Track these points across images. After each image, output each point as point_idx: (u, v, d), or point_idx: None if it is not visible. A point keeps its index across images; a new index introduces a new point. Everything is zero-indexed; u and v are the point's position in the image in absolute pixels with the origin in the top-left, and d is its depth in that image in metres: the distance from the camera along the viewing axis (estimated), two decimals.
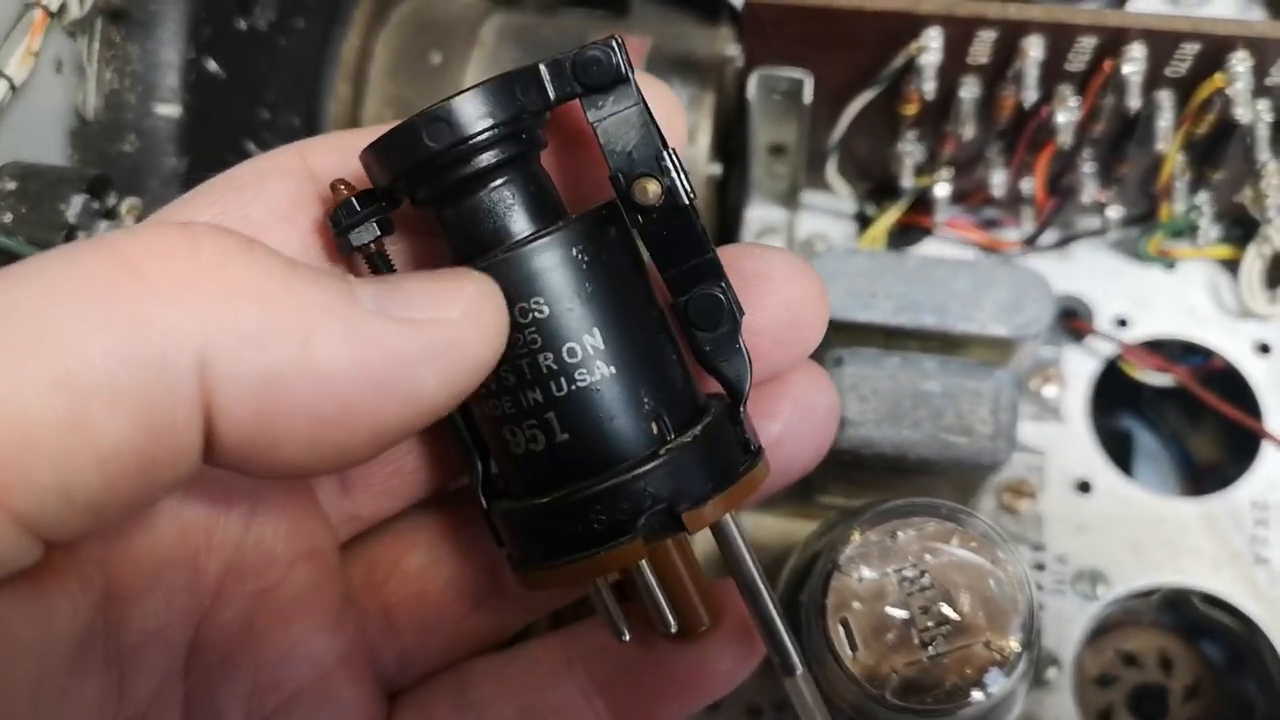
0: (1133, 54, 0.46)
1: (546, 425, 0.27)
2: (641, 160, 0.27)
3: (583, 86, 0.27)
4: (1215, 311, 0.56)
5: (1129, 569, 0.51)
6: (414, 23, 0.57)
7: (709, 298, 0.28)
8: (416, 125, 0.26)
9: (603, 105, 0.27)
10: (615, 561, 0.28)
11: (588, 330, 0.27)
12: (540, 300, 0.26)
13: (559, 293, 0.27)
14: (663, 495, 0.27)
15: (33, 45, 0.41)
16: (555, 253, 0.27)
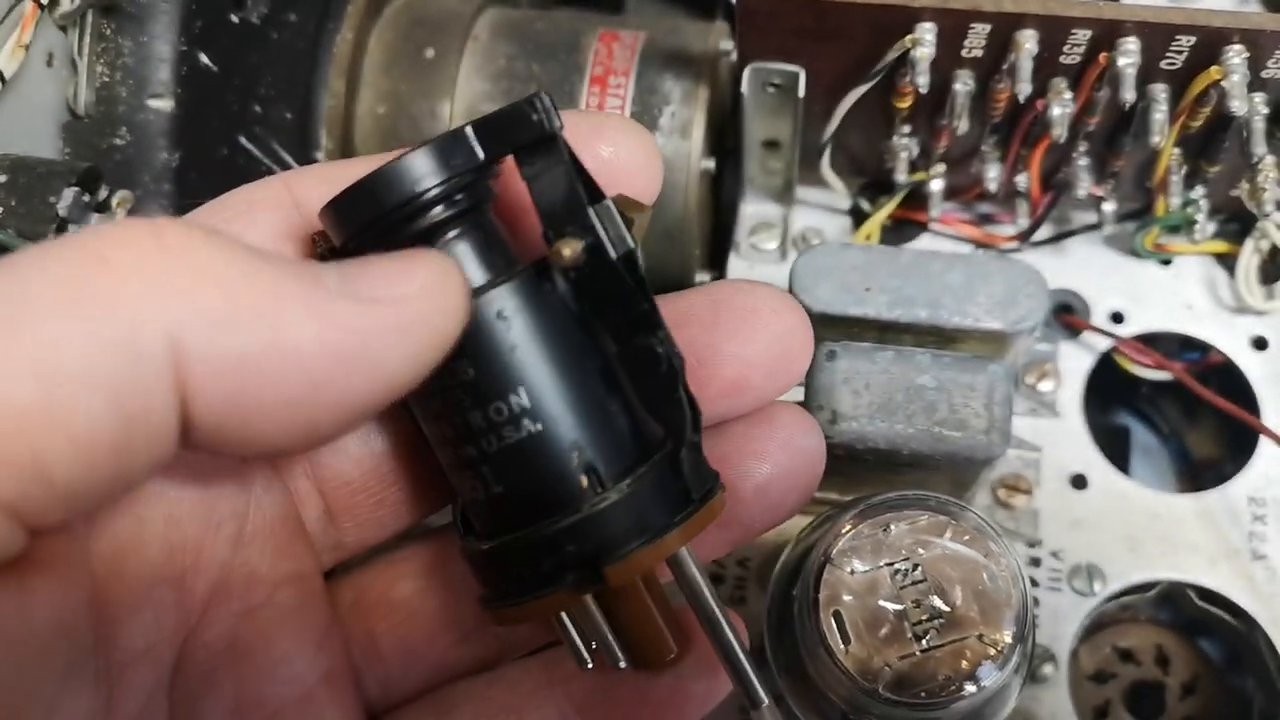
0: (1127, 47, 0.45)
1: (482, 477, 0.28)
2: (567, 217, 0.27)
3: (511, 147, 0.27)
4: (1212, 306, 0.56)
5: (1125, 565, 0.51)
6: (408, 17, 0.57)
7: (643, 349, 0.28)
8: (355, 190, 0.27)
9: (533, 163, 0.27)
10: (543, 609, 0.28)
11: (513, 389, 0.27)
12: (465, 362, 0.27)
13: (484, 354, 0.27)
14: (586, 549, 0.27)
15: (23, 38, 0.41)
16: (478, 315, 0.27)
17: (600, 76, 0.54)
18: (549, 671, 0.32)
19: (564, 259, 0.27)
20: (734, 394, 0.31)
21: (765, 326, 0.31)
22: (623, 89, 0.54)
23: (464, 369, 0.27)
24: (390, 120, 0.55)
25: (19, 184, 0.39)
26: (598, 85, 0.54)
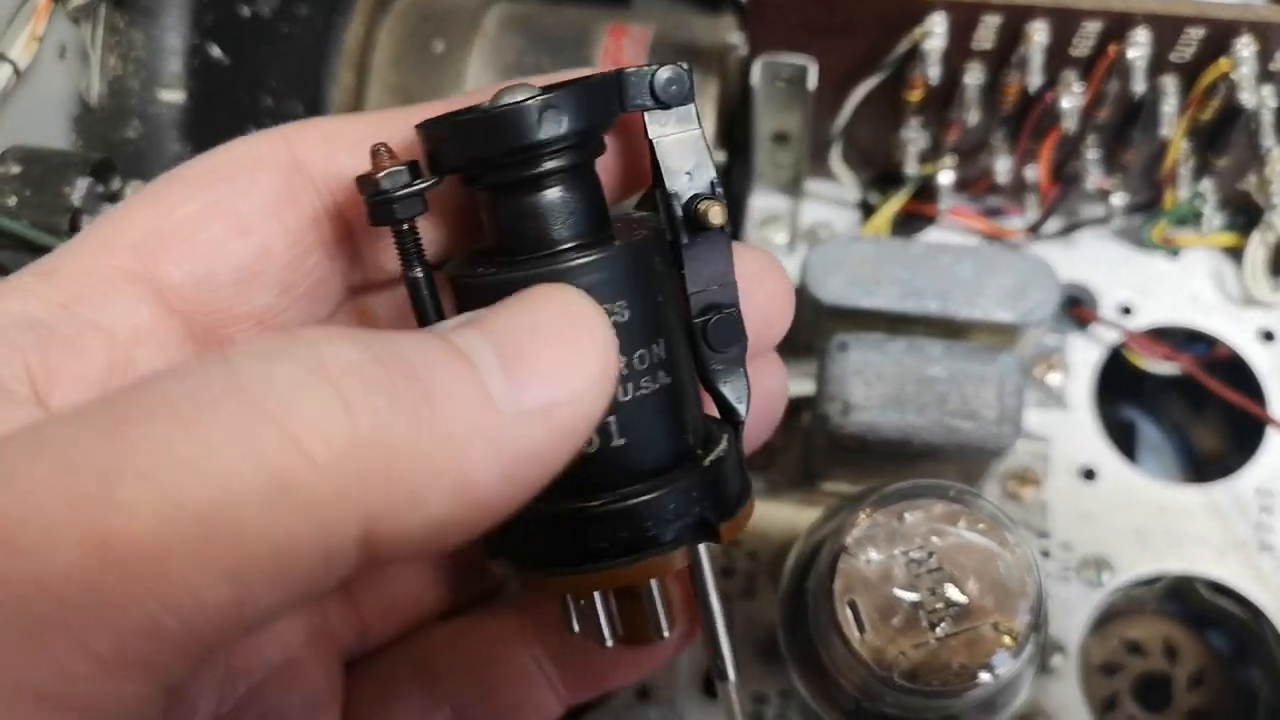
0: (1137, 39, 0.45)
1: (605, 429, 0.27)
2: (698, 183, 0.28)
3: (655, 102, 0.28)
4: (1219, 299, 0.56)
5: (1134, 556, 0.51)
6: (417, 11, 0.57)
7: (728, 321, 0.29)
8: (496, 120, 0.26)
9: (665, 123, 0.28)
10: (660, 568, 0.28)
11: (656, 339, 0.28)
12: (624, 304, 0.27)
13: (640, 297, 0.27)
14: (705, 505, 0.28)
15: (37, 30, 0.41)
16: (643, 259, 0.27)
17: None
18: (522, 620, 0.33)
19: (714, 219, 0.28)
20: None
21: (750, 291, 0.31)
22: None
23: (620, 310, 0.27)
24: None
25: (33, 175, 0.39)
26: None
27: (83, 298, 0.26)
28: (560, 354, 0.24)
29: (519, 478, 0.23)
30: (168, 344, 0.27)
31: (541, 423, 0.23)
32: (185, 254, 0.27)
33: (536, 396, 0.23)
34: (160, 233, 0.27)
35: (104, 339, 0.26)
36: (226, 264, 0.28)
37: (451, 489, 0.22)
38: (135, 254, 0.27)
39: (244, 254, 0.28)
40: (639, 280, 0.27)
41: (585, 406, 0.24)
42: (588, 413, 0.24)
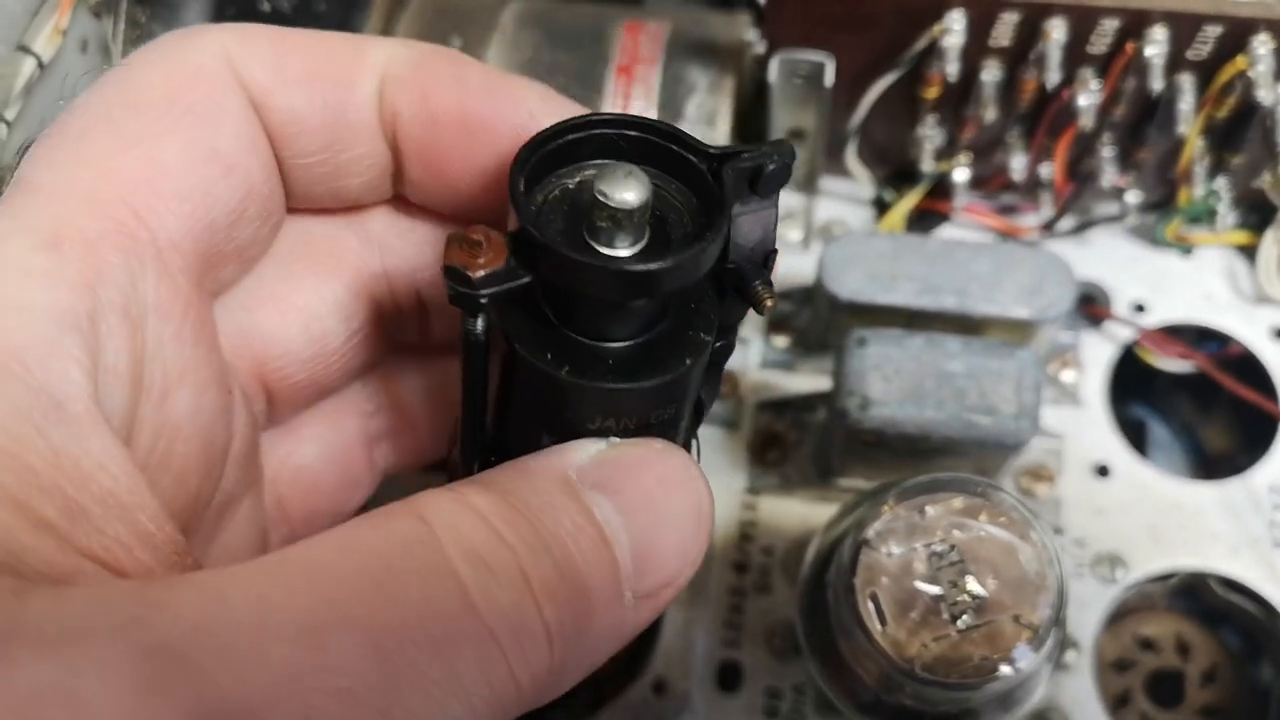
0: (1155, 36, 0.46)
1: None
2: (757, 254, 0.28)
3: (751, 192, 0.27)
4: (1233, 297, 0.56)
5: (1148, 553, 0.51)
6: (434, 7, 0.57)
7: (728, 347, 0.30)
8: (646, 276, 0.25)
9: (749, 202, 0.27)
10: None
11: (685, 415, 0.29)
12: (676, 407, 0.28)
13: (687, 396, 0.28)
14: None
15: (61, 23, 0.41)
16: (699, 368, 0.28)
17: (626, 66, 0.54)
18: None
19: (767, 308, 0.28)
20: None
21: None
22: (649, 79, 0.54)
23: (671, 412, 0.28)
24: None
25: None
26: (624, 75, 0.54)
27: (100, 276, 0.24)
28: (680, 545, 0.26)
29: (621, 646, 0.26)
30: (172, 315, 0.26)
31: (650, 605, 0.26)
32: (179, 205, 0.26)
33: (653, 584, 0.26)
34: (150, 182, 0.25)
35: (125, 324, 0.25)
36: (219, 209, 0.27)
37: (579, 678, 0.25)
38: (131, 210, 0.25)
39: (233, 194, 0.27)
40: (692, 383, 0.28)
41: (683, 585, 0.27)
42: (682, 587, 0.27)
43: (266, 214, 0.28)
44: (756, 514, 0.52)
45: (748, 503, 0.53)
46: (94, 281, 0.24)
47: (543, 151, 0.26)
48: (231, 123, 0.27)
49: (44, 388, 0.22)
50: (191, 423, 0.27)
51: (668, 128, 0.27)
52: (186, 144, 0.26)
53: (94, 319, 0.24)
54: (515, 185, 0.25)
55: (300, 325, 0.31)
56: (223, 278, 0.29)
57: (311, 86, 0.28)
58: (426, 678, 0.21)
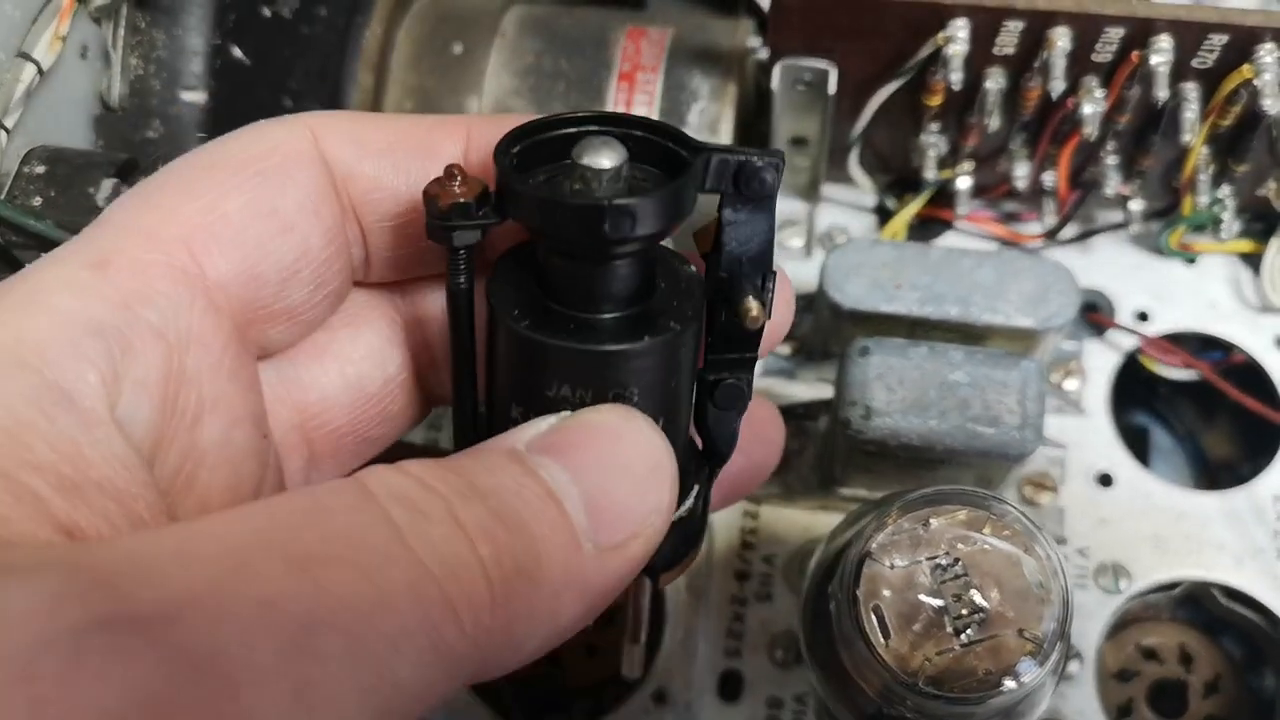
0: (1160, 45, 0.45)
1: None
2: (750, 272, 0.28)
3: (736, 192, 0.27)
4: (1236, 306, 0.56)
5: (1151, 563, 0.51)
6: (435, 13, 0.57)
7: (736, 388, 0.30)
8: (600, 211, 0.25)
9: (739, 209, 0.28)
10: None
11: (656, 418, 0.28)
12: (636, 391, 0.28)
13: (652, 386, 0.28)
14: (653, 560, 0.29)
15: (60, 29, 0.41)
16: (664, 353, 0.28)
17: (629, 73, 0.54)
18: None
19: (753, 320, 0.28)
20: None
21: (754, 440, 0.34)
22: (652, 85, 0.54)
23: (630, 393, 0.28)
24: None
25: (58, 175, 0.39)
26: (626, 81, 0.54)
27: (141, 297, 0.26)
28: (636, 496, 0.26)
29: (594, 607, 0.26)
30: (214, 347, 0.27)
31: (616, 558, 0.26)
32: (233, 251, 0.27)
33: (613, 535, 0.26)
34: (207, 227, 0.27)
35: (161, 344, 0.26)
36: (271, 262, 0.28)
37: (545, 634, 0.25)
38: (185, 248, 0.27)
39: (287, 252, 0.28)
40: (658, 371, 0.28)
41: (651, 538, 0.26)
42: (652, 543, 0.26)
43: (322, 280, 0.30)
44: (758, 522, 0.52)
45: (749, 511, 0.53)
46: (132, 301, 0.25)
47: (536, 138, 0.27)
48: (296, 188, 0.28)
49: (58, 381, 0.23)
50: (219, 452, 0.28)
51: (659, 124, 0.28)
52: (249, 201, 0.28)
53: (125, 333, 0.25)
54: (499, 146, 0.27)
55: (337, 371, 0.32)
56: (272, 335, 0.30)
57: (394, 154, 0.30)
58: (354, 596, 0.21)
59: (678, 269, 0.30)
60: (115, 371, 0.24)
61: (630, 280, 0.28)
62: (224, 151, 0.28)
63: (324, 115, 0.30)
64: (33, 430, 0.23)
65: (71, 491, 0.23)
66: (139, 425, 0.25)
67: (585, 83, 0.54)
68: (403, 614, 0.21)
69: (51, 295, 0.25)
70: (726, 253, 0.28)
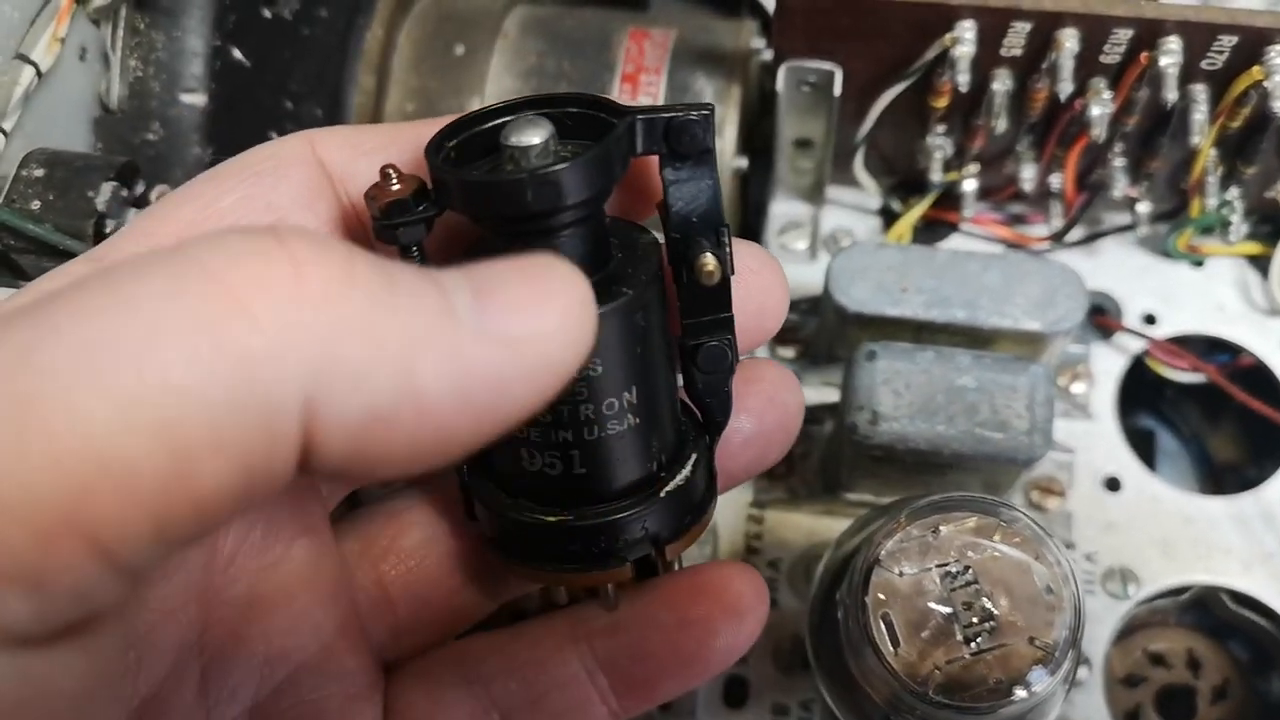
0: (1169, 46, 0.45)
1: (568, 459, 0.29)
2: (702, 229, 0.28)
3: (669, 150, 0.28)
4: (1244, 308, 0.55)
5: (1159, 568, 0.51)
6: (437, 14, 0.57)
7: (718, 349, 0.30)
8: (521, 183, 0.26)
9: (680, 168, 0.28)
10: (606, 579, 0.31)
11: (628, 388, 0.28)
12: (598, 361, 0.28)
13: (615, 355, 0.28)
14: (654, 530, 0.30)
15: (59, 31, 0.41)
16: (622, 320, 0.28)
17: (632, 74, 0.54)
18: (573, 628, 0.33)
19: (711, 278, 0.28)
20: None
21: (743, 283, 0.31)
22: (655, 87, 0.54)
23: (593, 365, 0.28)
24: (419, 117, 0.55)
25: (56, 178, 0.38)
26: (629, 83, 0.54)
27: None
28: (529, 293, 0.23)
29: (475, 401, 0.22)
30: None
31: (503, 350, 0.22)
32: None
33: (501, 324, 0.22)
34: (202, 223, 0.28)
35: None
36: None
37: (396, 381, 0.21)
38: (177, 241, 0.26)
39: None
40: (619, 339, 0.28)
41: (552, 349, 0.23)
42: (555, 357, 0.23)
43: None
44: (763, 527, 0.52)
45: (754, 516, 0.52)
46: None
47: (472, 130, 0.28)
48: (290, 185, 0.29)
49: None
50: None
51: (585, 95, 0.28)
52: (244, 197, 0.28)
53: None
54: (430, 142, 0.27)
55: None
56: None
57: (387, 152, 0.30)
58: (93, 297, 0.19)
59: (636, 238, 0.30)
60: None
61: (578, 252, 0.27)
62: (225, 164, 0.30)
63: (321, 129, 0.31)
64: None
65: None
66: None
67: (588, 84, 0.54)
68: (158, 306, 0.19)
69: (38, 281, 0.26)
70: (674, 213, 0.28)
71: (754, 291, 0.32)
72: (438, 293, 0.22)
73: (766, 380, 0.34)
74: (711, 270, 0.28)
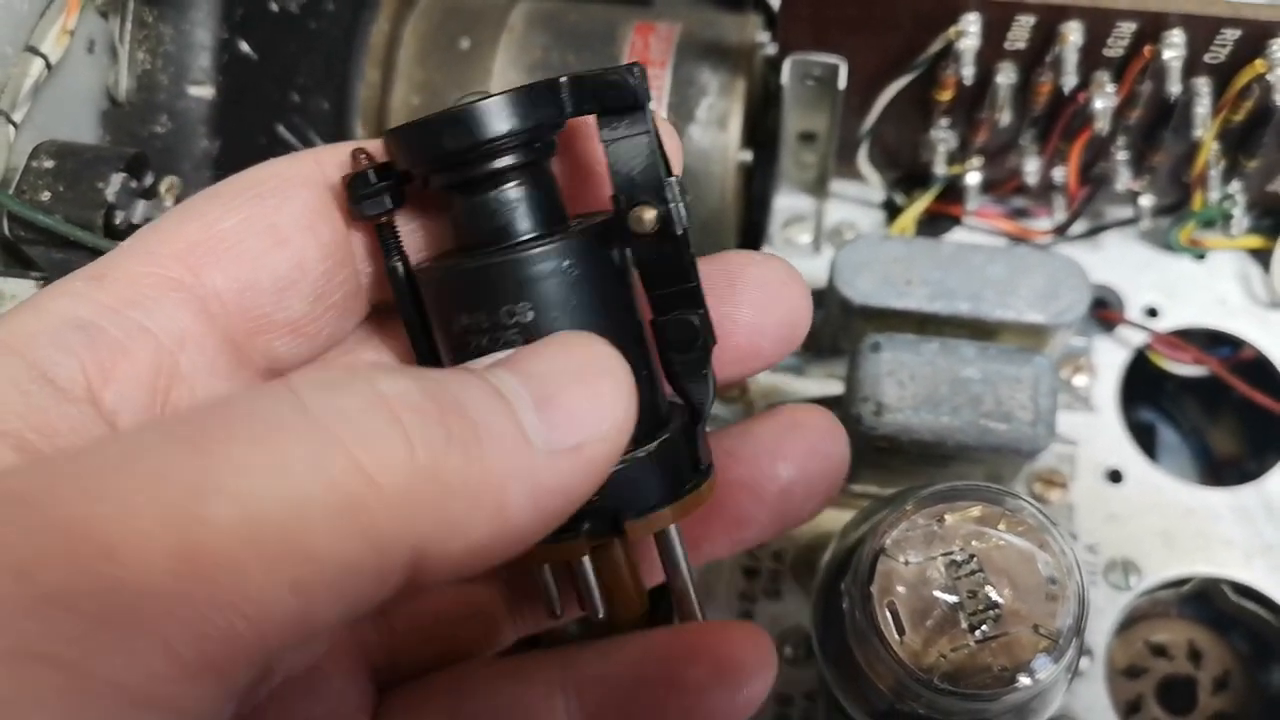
0: (1172, 40, 0.45)
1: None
2: (644, 185, 0.28)
3: (601, 108, 0.28)
4: (1246, 301, 0.55)
5: (1161, 559, 0.51)
6: (442, 8, 0.57)
7: (685, 324, 0.30)
8: (437, 123, 0.27)
9: (616, 127, 0.28)
10: (558, 554, 0.30)
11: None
12: (526, 305, 0.28)
13: (545, 301, 0.28)
14: (609, 504, 0.29)
15: (68, 24, 0.41)
16: (547, 263, 0.28)
17: None
18: (565, 672, 0.33)
19: (643, 225, 0.28)
20: (746, 360, 0.33)
21: (778, 298, 0.32)
22: (660, 80, 0.54)
23: (524, 310, 0.28)
24: (425, 111, 0.55)
25: (67, 169, 0.39)
26: None
27: (131, 302, 0.27)
28: (587, 398, 0.25)
29: (548, 510, 0.24)
30: (207, 349, 0.28)
31: (570, 460, 0.24)
32: (228, 263, 0.28)
33: (566, 436, 0.24)
34: (204, 243, 0.28)
35: (151, 342, 0.27)
36: (266, 273, 0.29)
37: (490, 520, 0.23)
38: (181, 262, 0.28)
39: (282, 264, 0.29)
40: (547, 283, 0.28)
41: (609, 446, 0.25)
42: (611, 451, 0.25)
43: (321, 293, 0.30)
44: None
45: None
46: (121, 305, 0.27)
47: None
48: (293, 206, 0.29)
49: (37, 363, 0.25)
50: None
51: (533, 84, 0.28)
52: (246, 219, 0.29)
53: (112, 331, 0.26)
54: (387, 130, 0.28)
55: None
56: (279, 348, 0.30)
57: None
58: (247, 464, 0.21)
59: (594, 213, 0.30)
60: (100, 363, 0.26)
61: (526, 205, 0.28)
62: (234, 180, 0.30)
63: (329, 146, 0.31)
64: (3, 404, 0.24)
65: (31, 455, 0.24)
66: (128, 415, 0.26)
67: None
68: (303, 478, 0.21)
69: (45, 301, 0.27)
70: (614, 173, 0.28)
71: (789, 306, 0.32)
72: (512, 422, 0.24)
73: (810, 427, 0.34)
74: (647, 220, 0.28)
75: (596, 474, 0.25)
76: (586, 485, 0.25)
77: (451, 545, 0.23)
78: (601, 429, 0.25)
